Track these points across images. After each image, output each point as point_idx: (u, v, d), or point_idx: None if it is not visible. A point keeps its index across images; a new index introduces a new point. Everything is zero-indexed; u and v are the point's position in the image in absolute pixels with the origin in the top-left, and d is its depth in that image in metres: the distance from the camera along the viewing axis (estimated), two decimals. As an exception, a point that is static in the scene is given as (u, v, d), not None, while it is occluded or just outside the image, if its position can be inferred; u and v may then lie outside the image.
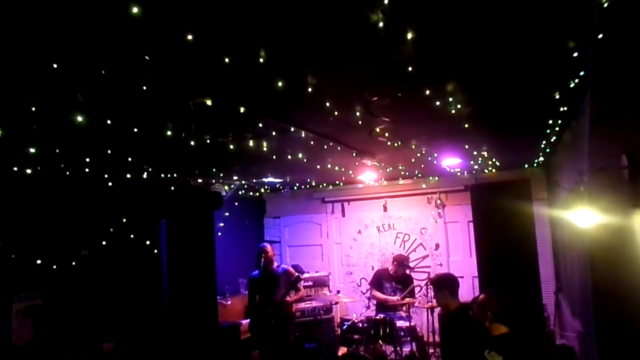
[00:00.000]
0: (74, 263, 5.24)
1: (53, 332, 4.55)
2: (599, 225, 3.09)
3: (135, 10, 1.90)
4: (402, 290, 6.63)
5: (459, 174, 7.57)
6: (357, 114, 3.74)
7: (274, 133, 4.28)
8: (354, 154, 5.34)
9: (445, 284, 4.40)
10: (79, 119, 3.19)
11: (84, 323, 5.10)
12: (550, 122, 4.38)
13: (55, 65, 2.41)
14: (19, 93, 2.81)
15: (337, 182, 8.40)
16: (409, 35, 2.33)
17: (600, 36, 2.26)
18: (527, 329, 4.04)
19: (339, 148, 5.01)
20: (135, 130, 3.72)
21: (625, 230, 2.72)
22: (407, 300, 6.36)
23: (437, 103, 3.54)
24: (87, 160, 4.56)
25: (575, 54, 2.67)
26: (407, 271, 7.05)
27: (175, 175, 6.04)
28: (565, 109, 3.86)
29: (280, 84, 2.95)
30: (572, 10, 2.21)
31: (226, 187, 7.44)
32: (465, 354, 3.46)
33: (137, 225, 5.82)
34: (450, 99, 3.52)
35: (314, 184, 8.52)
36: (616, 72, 2.61)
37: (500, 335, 3.24)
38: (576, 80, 3.13)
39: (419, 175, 7.81)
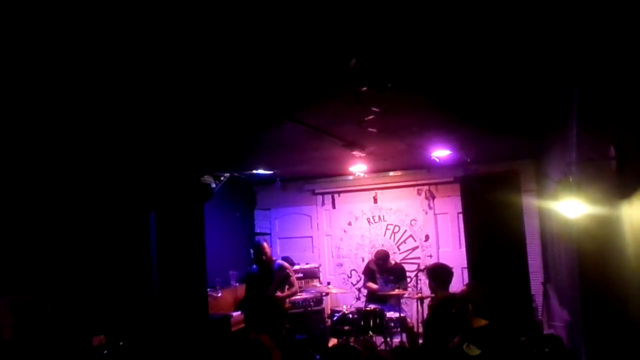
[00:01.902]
0: (62, 256, 5.19)
1: (42, 326, 4.51)
2: (586, 216, 3.12)
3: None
4: (394, 281, 6.67)
5: (448, 165, 7.59)
6: (347, 105, 3.73)
7: (264, 125, 4.26)
8: (344, 146, 5.33)
9: (433, 276, 4.44)
10: (69, 111, 3.15)
11: (73, 316, 5.06)
12: (539, 113, 4.40)
13: (40, 58, 2.37)
14: (8, 85, 2.77)
15: (328, 174, 8.39)
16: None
17: (589, 29, 2.26)
18: (514, 320, 4.07)
19: (329, 140, 5.00)
20: (125, 122, 3.69)
21: (613, 221, 2.74)
22: (397, 291, 6.38)
23: (427, 96, 3.54)
24: (75, 152, 4.51)
25: (565, 46, 2.68)
26: (398, 260, 7.09)
27: (164, 167, 6.00)
28: (554, 100, 3.88)
29: (272, 76, 2.93)
30: (562, 5, 2.21)
31: (216, 179, 7.41)
32: (444, 345, 3.45)
33: (126, 217, 5.77)
34: (440, 92, 3.52)
35: (304, 176, 8.50)
36: (605, 64, 2.62)
37: (479, 327, 3.23)
38: (565, 72, 3.14)
39: (409, 167, 7.82)
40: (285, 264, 6.60)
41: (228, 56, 2.63)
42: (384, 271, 6.82)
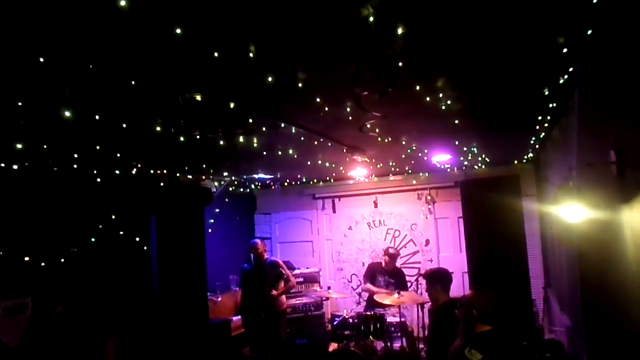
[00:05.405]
0: (63, 260, 5.19)
1: (44, 330, 4.51)
2: (587, 221, 3.12)
3: (122, 3, 1.88)
4: (395, 284, 6.64)
5: (449, 170, 7.59)
6: (348, 109, 3.74)
7: (264, 129, 4.26)
8: (345, 150, 5.33)
9: (437, 279, 4.42)
10: (67, 114, 3.15)
11: (74, 321, 5.06)
12: (540, 118, 4.40)
13: (42, 60, 2.38)
14: (5, 87, 2.77)
15: (328, 179, 8.39)
16: (400, 31, 2.32)
17: (589, 32, 2.27)
18: (514, 325, 4.05)
19: (329, 144, 5.00)
20: (125, 125, 3.69)
21: (613, 226, 2.74)
22: (402, 299, 6.23)
23: (428, 99, 3.55)
24: (76, 156, 4.52)
25: (565, 50, 2.68)
26: (398, 265, 7.07)
27: (165, 171, 6.00)
28: (555, 105, 3.89)
29: (270, 79, 2.93)
30: (561, 6, 2.22)
31: (216, 184, 7.41)
32: (447, 349, 3.44)
33: (126, 221, 5.77)
34: (441, 95, 3.53)
35: (304, 180, 8.51)
36: (605, 68, 2.63)
37: (482, 332, 3.19)
38: (565, 77, 3.14)
39: (410, 171, 7.82)
40: (278, 260, 6.57)
41: (223, 57, 2.64)
42: (386, 272, 6.79)
